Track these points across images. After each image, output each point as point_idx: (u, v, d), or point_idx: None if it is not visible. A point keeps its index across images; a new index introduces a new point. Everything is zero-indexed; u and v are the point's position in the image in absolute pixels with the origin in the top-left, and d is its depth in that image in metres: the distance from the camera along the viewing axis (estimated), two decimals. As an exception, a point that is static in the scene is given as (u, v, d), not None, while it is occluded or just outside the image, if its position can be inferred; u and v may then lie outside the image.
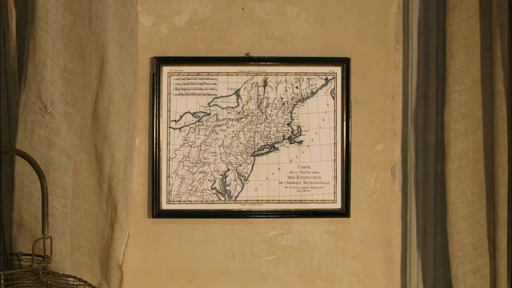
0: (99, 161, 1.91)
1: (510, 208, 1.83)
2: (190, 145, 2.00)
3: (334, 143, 2.01)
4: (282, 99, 2.00)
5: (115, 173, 1.90)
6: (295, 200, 2.01)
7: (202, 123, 2.00)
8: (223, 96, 2.01)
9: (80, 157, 1.90)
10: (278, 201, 2.01)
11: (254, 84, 2.00)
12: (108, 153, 1.89)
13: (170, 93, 2.00)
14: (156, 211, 1.99)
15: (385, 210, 2.04)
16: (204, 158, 2.00)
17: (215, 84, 2.00)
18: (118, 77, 1.88)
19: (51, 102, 1.79)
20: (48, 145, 1.79)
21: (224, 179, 2.00)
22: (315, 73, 2.00)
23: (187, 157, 2.00)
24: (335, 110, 2.01)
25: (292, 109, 2.01)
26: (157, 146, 1.99)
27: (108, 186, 1.91)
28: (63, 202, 1.80)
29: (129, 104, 1.92)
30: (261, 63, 1.99)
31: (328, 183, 2.01)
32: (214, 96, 2.01)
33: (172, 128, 2.01)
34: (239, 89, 2.01)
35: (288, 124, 2.00)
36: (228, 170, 2.00)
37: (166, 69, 1.99)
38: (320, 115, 2.01)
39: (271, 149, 2.00)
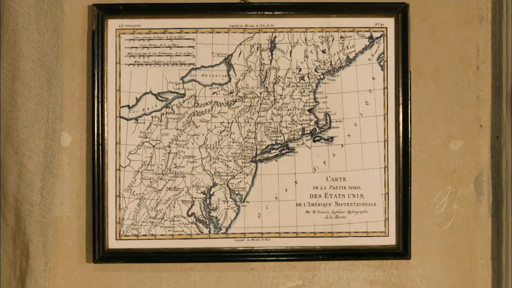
0: (-1, 174, 1.57)
1: None
2: (153, 146, 1.65)
3: (385, 141, 1.66)
4: (300, 70, 1.66)
5: (25, 195, 1.55)
6: (322, 233, 1.68)
7: (172, 109, 1.65)
8: (205, 67, 1.66)
9: (-32, 167, 1.56)
10: (295, 235, 1.67)
11: (255, 46, 1.67)
12: (12, 161, 1.55)
13: (120, 62, 1.65)
14: (100, 252, 1.64)
15: (466, 246, 1.76)
16: (176, 166, 1.65)
17: (193, 47, 1.66)
18: (28, 35, 1.54)
19: None
20: None
21: (208, 200, 1.66)
22: (353, 28, 1.67)
23: (148, 164, 1.65)
24: (386, 88, 1.67)
25: (317, 86, 1.67)
26: (100, 147, 1.65)
27: (15, 215, 1.56)
28: None
29: (49, 80, 1.57)
30: (265, 13, 1.66)
31: (375, 204, 1.67)
32: (192, 66, 1.66)
33: (124, 118, 1.65)
34: (231, 54, 1.67)
35: (310, 111, 1.67)
36: (215, 185, 1.66)
37: (113, 24, 1.65)
38: (361, 95, 1.67)
39: (284, 151, 1.68)
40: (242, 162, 1.63)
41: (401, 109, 1.66)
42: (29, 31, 1.51)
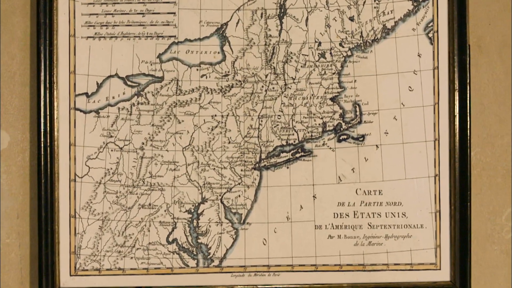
0: None
1: None
2: (121, 148, 1.46)
3: (435, 140, 1.47)
4: (319, 44, 1.47)
5: None
6: (350, 266, 1.49)
7: (146, 98, 1.47)
8: (190, 40, 1.48)
9: None
10: (313, 268, 1.48)
11: (259, 12, 1.48)
12: None
13: (74, 35, 1.47)
14: (49, 293, 1.43)
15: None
16: (152, 176, 1.46)
17: (174, 13, 1.47)
18: None
19: None
20: None
21: (195, 222, 1.47)
22: (391, -13, 1.47)
23: (113, 173, 1.46)
24: (436, 68, 1.47)
25: (342, 66, 1.48)
26: (49, 150, 1.45)
27: None
28: None
29: (-27, 57, 1.36)
30: (272, -32, 1.44)
31: (422, 226, 1.47)
32: (173, 40, 1.48)
33: (81, 110, 1.47)
34: (226, 23, 1.48)
35: (333, 100, 1.47)
36: (205, 200, 1.47)
37: (66, -17, 1.45)
38: (403, 78, 1.47)
39: (298, 154, 1.49)
40: (242, 170, 1.43)
41: (457, 97, 1.44)
42: None
